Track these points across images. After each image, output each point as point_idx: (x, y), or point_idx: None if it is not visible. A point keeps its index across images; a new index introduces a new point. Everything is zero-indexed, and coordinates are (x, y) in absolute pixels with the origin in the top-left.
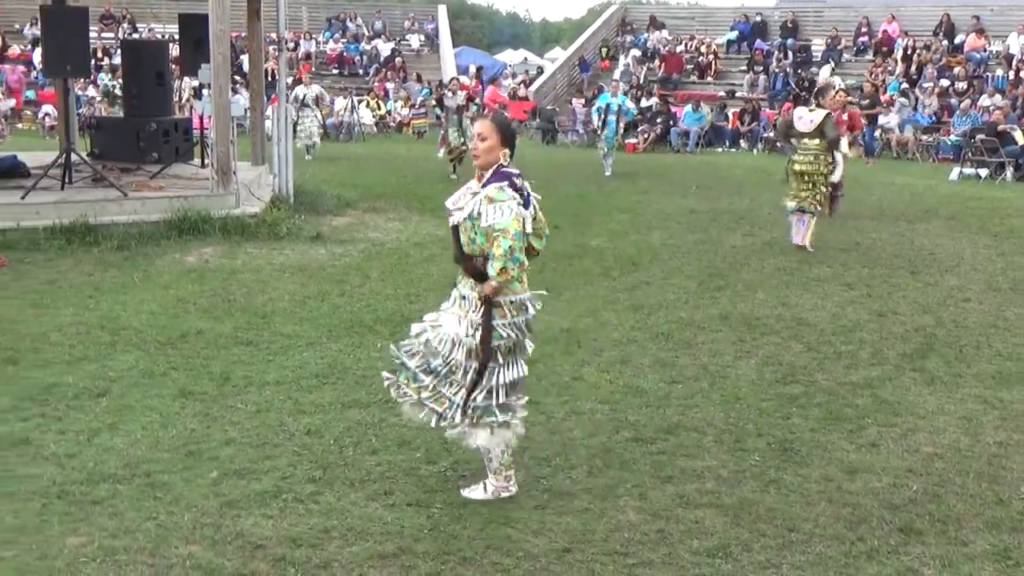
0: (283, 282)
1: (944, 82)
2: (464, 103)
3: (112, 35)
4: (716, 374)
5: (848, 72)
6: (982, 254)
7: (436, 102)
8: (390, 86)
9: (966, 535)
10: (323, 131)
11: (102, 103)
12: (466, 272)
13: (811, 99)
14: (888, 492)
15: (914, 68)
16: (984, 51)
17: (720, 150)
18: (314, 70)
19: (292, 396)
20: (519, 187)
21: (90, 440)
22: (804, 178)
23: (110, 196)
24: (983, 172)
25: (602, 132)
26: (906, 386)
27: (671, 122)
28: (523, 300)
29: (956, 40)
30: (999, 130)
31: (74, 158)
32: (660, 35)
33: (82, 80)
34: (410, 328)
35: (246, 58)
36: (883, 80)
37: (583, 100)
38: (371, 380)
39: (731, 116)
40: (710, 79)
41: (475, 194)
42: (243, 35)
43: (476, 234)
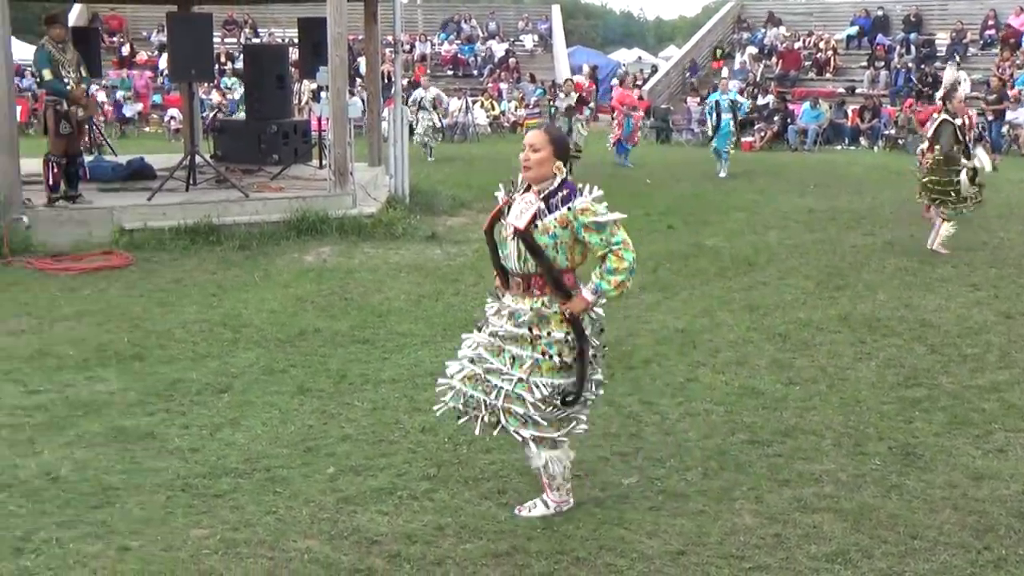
0: (399, 281)
1: None
2: (575, 104)
3: (235, 40)
4: (835, 376)
5: (973, 67)
6: None
7: (549, 101)
8: (504, 86)
9: None
10: (440, 133)
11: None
12: (554, 288)
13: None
14: (1017, 500)
15: None
16: None
17: (839, 148)
18: (429, 72)
19: (407, 394)
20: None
21: (213, 435)
22: (930, 186)
23: (232, 197)
24: None
25: (715, 132)
26: None
27: (788, 120)
28: (599, 314)
29: None
30: None
31: (198, 160)
32: (777, 31)
33: (206, 84)
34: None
35: (363, 61)
36: (1010, 75)
37: (698, 98)
38: None
39: (850, 113)
40: (829, 75)
41: (542, 207)
42: (360, 38)
43: (558, 252)
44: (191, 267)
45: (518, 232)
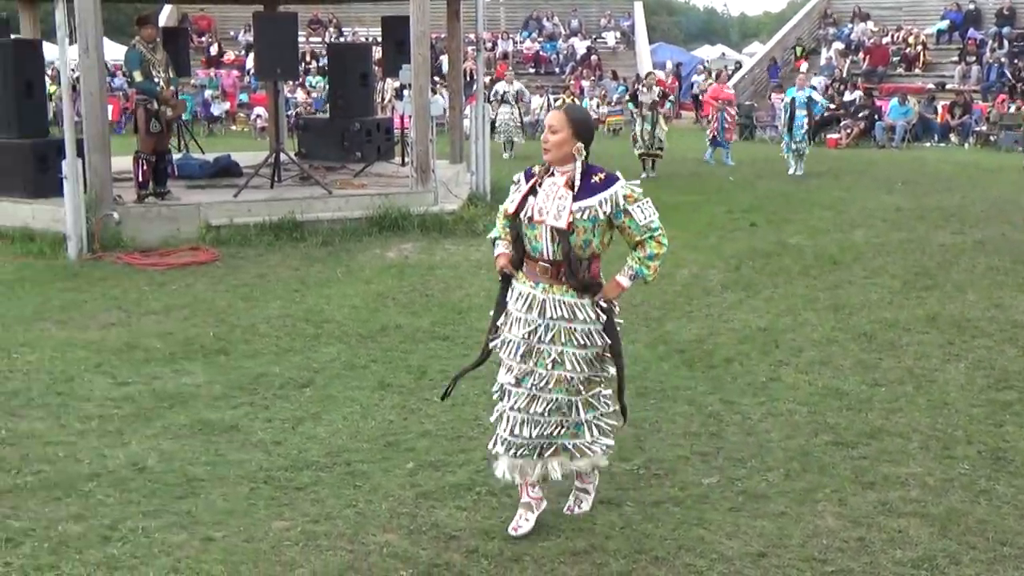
0: (479, 278)
1: None
2: (659, 99)
3: (319, 39)
4: (922, 377)
5: None
6: None
7: (630, 97)
8: (586, 84)
9: None
10: (521, 129)
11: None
12: (576, 280)
13: None
14: None
15: None
16: None
17: (928, 145)
18: (511, 69)
19: (486, 390)
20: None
21: (295, 428)
22: None
23: (316, 194)
24: None
25: (789, 129)
26: None
27: (876, 116)
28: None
29: None
30: None
31: (283, 158)
32: (865, 26)
33: (291, 83)
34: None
35: (445, 59)
36: None
37: (782, 95)
38: None
39: (940, 109)
40: (918, 71)
41: (582, 191)
42: (443, 36)
43: (594, 236)
44: (275, 263)
45: (560, 232)
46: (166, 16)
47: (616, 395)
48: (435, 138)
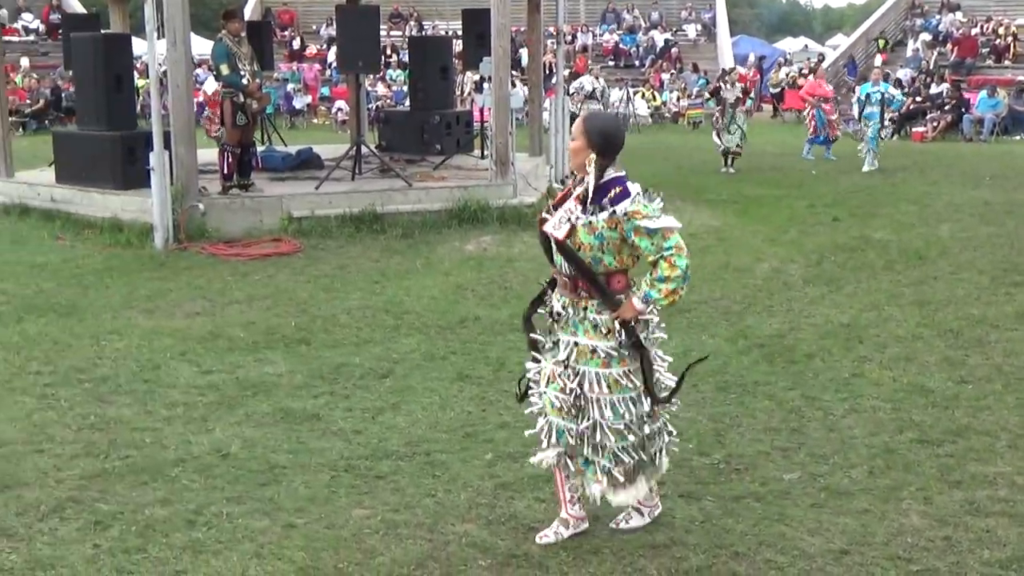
0: None
1: None
2: (741, 96)
3: (400, 33)
4: (1011, 375)
5: None
6: None
7: (711, 94)
8: (665, 77)
9: None
10: None
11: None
12: (599, 294)
13: None
14: None
15: None
16: None
17: (1018, 138)
18: (590, 62)
19: None
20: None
21: (374, 418)
22: None
23: (396, 186)
24: None
25: (862, 124)
26: None
27: (963, 109)
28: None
29: None
30: None
31: (363, 150)
32: (953, 17)
33: (372, 76)
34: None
35: (524, 52)
36: None
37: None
38: None
39: None
40: (1008, 63)
41: (588, 207)
42: (522, 29)
43: (604, 253)
44: (355, 254)
45: (557, 243)
46: (250, 10)
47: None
48: (514, 131)
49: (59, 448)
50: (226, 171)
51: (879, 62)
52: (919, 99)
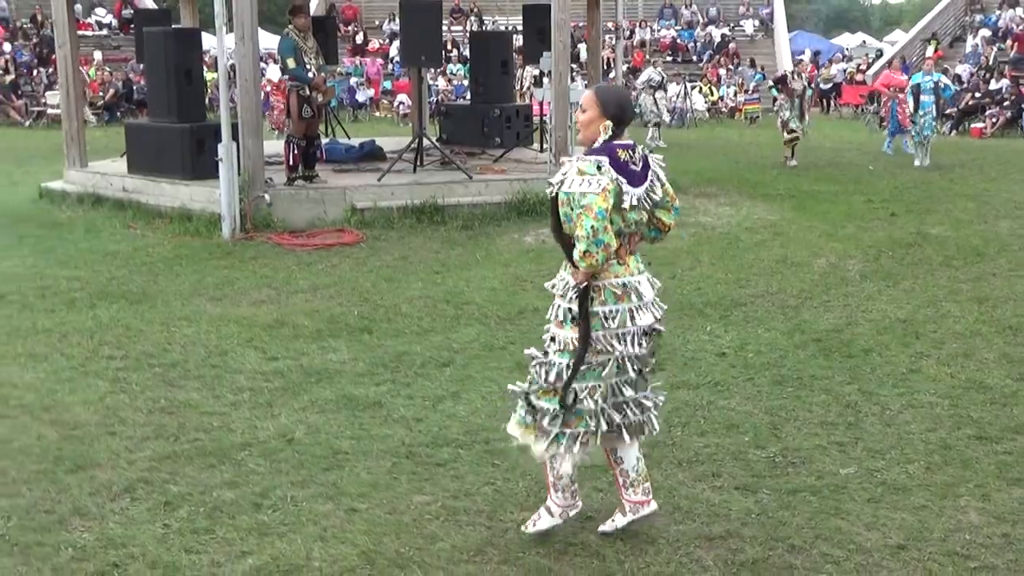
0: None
1: None
2: (806, 86)
3: (460, 28)
4: None
5: None
6: None
7: (775, 82)
8: (723, 72)
9: None
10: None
11: None
12: (563, 249)
13: None
14: None
15: None
16: None
17: None
18: (648, 57)
19: None
20: (622, 161)
21: (435, 406)
22: None
23: (457, 179)
24: None
25: (915, 116)
26: None
27: (1022, 106)
28: (626, 283)
29: None
30: None
31: (425, 143)
32: (1013, 13)
33: (433, 70)
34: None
35: (583, 47)
36: None
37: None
38: (700, 362)
39: None
40: None
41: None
42: (581, 24)
43: (573, 209)
44: (416, 245)
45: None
46: (315, 5)
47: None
48: (573, 124)
49: (131, 430)
50: (291, 162)
51: (930, 52)
52: (978, 95)
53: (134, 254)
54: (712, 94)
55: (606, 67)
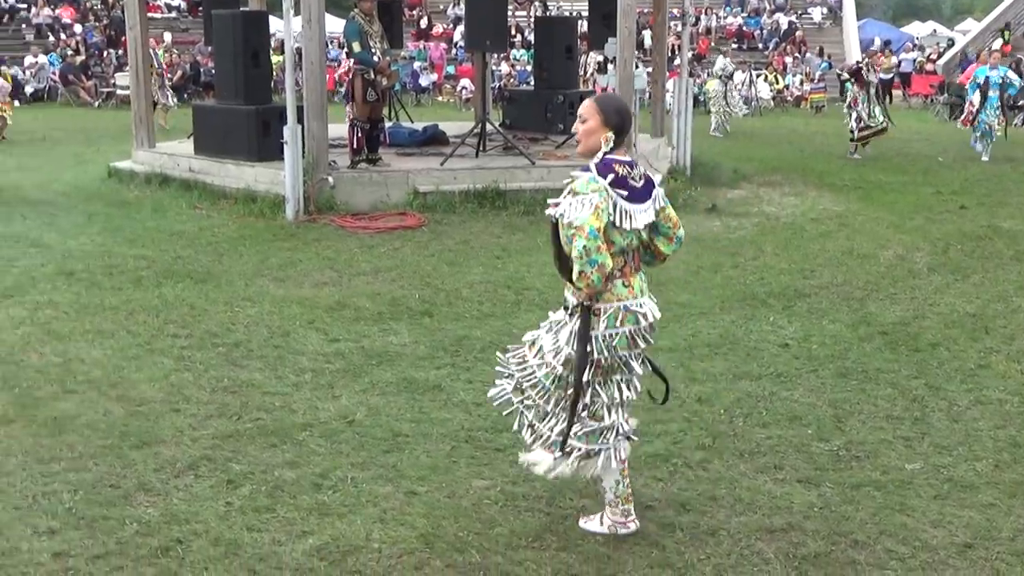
0: (678, 252)
1: None
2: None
3: (524, 13)
4: None
5: None
6: None
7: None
8: (789, 60)
9: None
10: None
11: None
12: (563, 274)
13: None
14: None
15: None
16: None
17: None
18: (713, 44)
19: (684, 363)
20: (621, 176)
21: None
22: None
23: (519, 164)
24: None
25: (980, 110)
26: None
27: None
28: (627, 306)
29: None
30: None
31: (488, 128)
32: None
33: (496, 56)
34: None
35: (648, 33)
36: None
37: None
38: (762, 353)
39: None
40: None
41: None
42: (647, 10)
43: (567, 230)
44: (478, 230)
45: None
46: None
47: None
48: (637, 112)
49: (194, 408)
50: (355, 145)
51: (998, 45)
52: None
53: (199, 234)
54: (778, 82)
55: (671, 54)
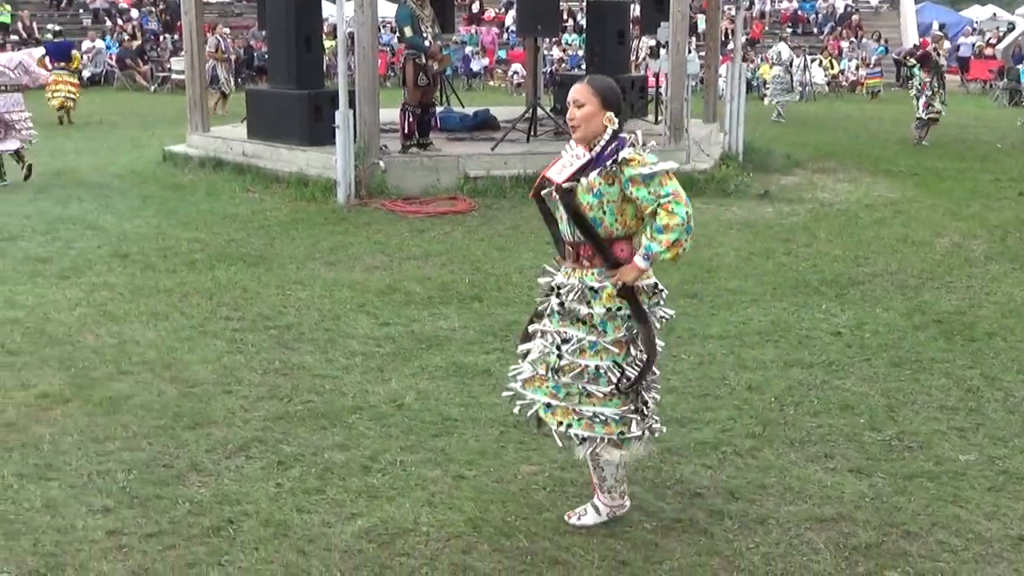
0: (729, 238)
1: None
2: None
3: None
4: None
5: None
6: None
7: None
8: (844, 44)
9: None
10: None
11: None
12: (603, 258)
13: None
14: None
15: None
16: None
17: None
18: (767, 29)
19: (734, 351)
20: None
21: None
22: None
23: None
24: None
25: None
26: None
27: None
28: (656, 283)
29: None
30: None
31: (539, 113)
32: None
33: (547, 40)
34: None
35: (701, 18)
36: None
37: None
38: (814, 341)
39: None
40: None
41: (593, 161)
42: None
43: (604, 213)
44: (528, 215)
45: (558, 189)
46: None
47: (636, 378)
48: (690, 97)
49: (246, 390)
50: (406, 130)
51: None
52: None
53: (252, 217)
54: (832, 67)
55: (724, 38)
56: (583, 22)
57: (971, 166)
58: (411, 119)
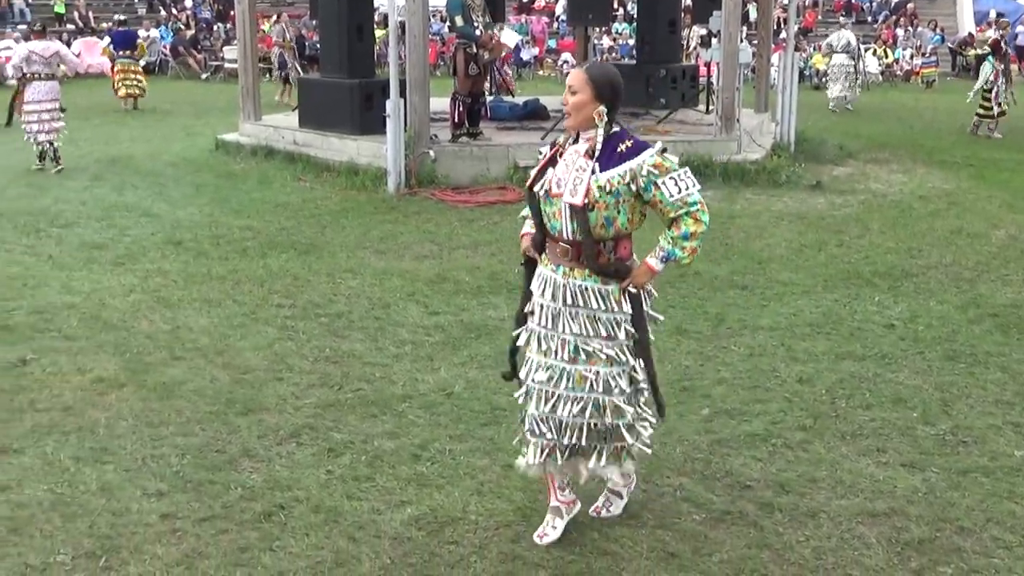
0: (780, 229)
1: None
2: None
3: None
4: None
5: None
6: None
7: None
8: (899, 33)
9: None
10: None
11: None
12: (600, 266)
13: None
14: None
15: None
16: None
17: None
18: (820, 18)
19: (785, 343)
20: None
21: None
22: None
23: None
24: None
25: None
26: None
27: None
28: (651, 288)
29: None
30: None
31: None
32: None
33: (598, 29)
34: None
35: (753, 6)
36: None
37: None
38: (866, 333)
39: None
40: None
41: (602, 163)
42: None
43: (618, 212)
44: None
45: (575, 209)
46: None
47: (651, 391)
48: (741, 86)
49: (297, 377)
50: (456, 119)
51: None
52: None
53: (303, 206)
54: (887, 56)
55: (776, 27)
56: (634, 11)
57: None
58: (461, 108)
